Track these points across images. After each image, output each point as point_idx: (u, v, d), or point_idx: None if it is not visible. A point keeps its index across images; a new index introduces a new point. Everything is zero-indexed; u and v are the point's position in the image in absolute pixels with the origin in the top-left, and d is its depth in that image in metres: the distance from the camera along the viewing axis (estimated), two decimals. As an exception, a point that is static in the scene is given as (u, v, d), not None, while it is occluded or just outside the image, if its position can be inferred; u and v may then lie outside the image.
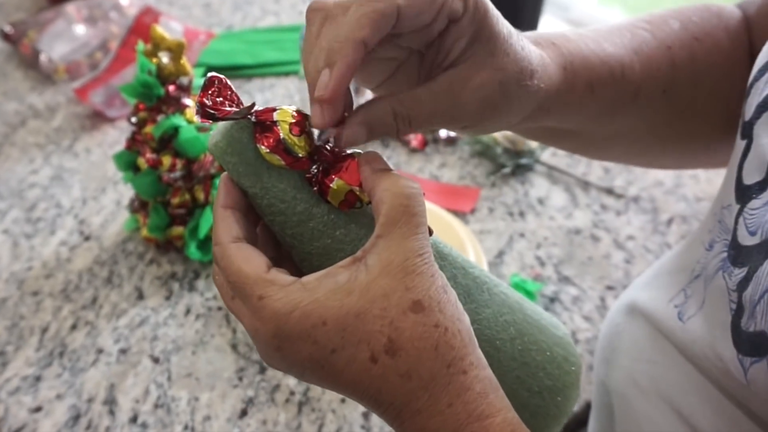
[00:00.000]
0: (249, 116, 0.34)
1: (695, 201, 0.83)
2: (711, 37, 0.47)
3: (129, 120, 0.71)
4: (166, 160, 0.70)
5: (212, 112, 0.34)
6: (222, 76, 0.35)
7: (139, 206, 0.76)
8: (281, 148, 0.34)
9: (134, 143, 0.72)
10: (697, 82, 0.47)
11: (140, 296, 0.71)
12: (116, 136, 0.94)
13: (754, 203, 0.35)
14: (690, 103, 0.47)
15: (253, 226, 0.36)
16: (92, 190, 0.85)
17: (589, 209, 0.81)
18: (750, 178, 0.37)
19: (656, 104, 0.46)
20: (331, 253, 0.35)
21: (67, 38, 1.08)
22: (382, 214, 0.32)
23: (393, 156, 0.89)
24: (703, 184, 0.85)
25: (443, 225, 0.74)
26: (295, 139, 0.34)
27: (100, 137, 0.95)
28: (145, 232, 0.75)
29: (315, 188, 0.35)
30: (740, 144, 0.39)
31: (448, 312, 0.32)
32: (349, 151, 0.35)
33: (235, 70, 1.06)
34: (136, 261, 0.75)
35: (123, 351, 0.66)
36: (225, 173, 0.36)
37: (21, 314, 0.69)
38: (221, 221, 0.34)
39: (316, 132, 0.35)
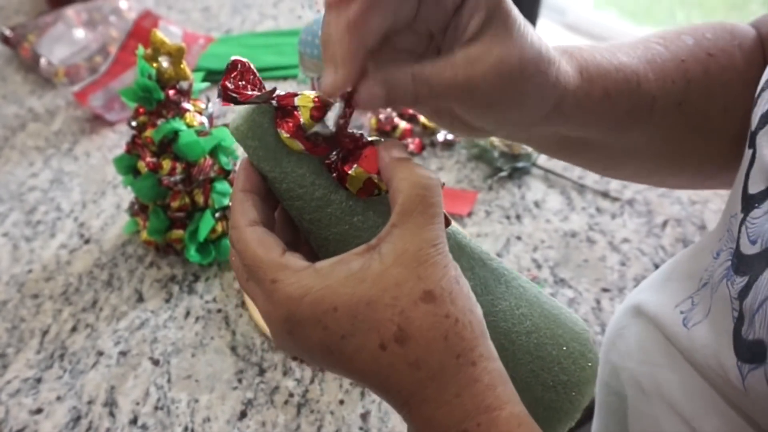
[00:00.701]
0: (270, 101, 0.34)
1: (690, 204, 0.84)
2: (725, 53, 0.47)
3: (129, 124, 0.72)
4: (166, 164, 0.70)
5: (234, 95, 0.34)
6: (245, 60, 0.35)
7: (138, 209, 0.76)
8: (301, 133, 0.34)
9: (134, 147, 0.73)
10: (711, 97, 0.46)
11: (140, 299, 0.72)
12: (115, 140, 0.95)
13: (756, 212, 0.36)
14: (704, 119, 0.47)
15: (271, 211, 0.36)
16: (92, 194, 0.86)
17: (584, 212, 0.82)
18: (755, 187, 0.37)
19: (671, 118, 0.46)
20: (348, 239, 0.35)
21: (67, 42, 1.09)
22: (398, 203, 0.32)
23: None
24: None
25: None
26: (315, 123, 0.34)
27: (100, 141, 0.95)
28: (144, 235, 0.75)
29: (334, 175, 0.35)
30: (747, 153, 0.40)
31: (459, 303, 0.32)
32: (369, 139, 0.36)
33: (233, 74, 1.07)
34: (136, 264, 0.76)
35: (123, 353, 0.66)
36: (245, 157, 0.36)
37: (21, 317, 0.70)
38: (239, 205, 0.35)
39: (332, 121, 0.35)
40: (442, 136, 0.92)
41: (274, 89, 0.34)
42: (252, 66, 0.36)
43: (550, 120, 0.41)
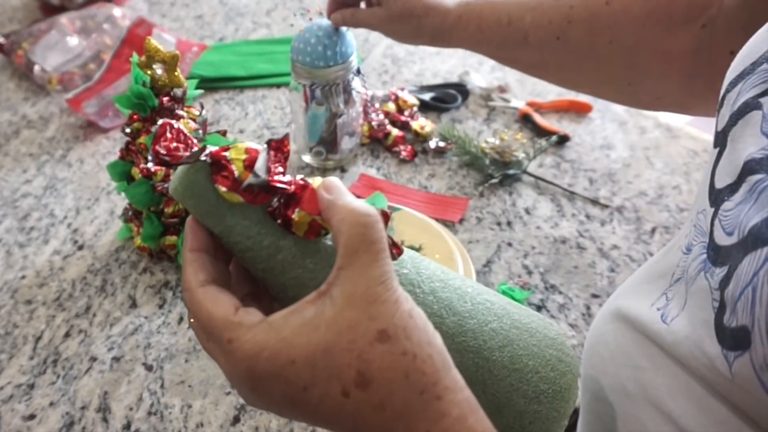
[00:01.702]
0: (203, 158, 0.34)
1: (677, 211, 0.85)
2: (621, 3, 0.63)
3: (123, 130, 0.73)
4: (160, 171, 0.71)
5: (166, 158, 0.34)
6: (173, 122, 0.36)
7: (132, 216, 0.76)
8: (238, 185, 0.34)
9: (128, 153, 0.73)
10: (594, 33, 0.64)
11: (133, 305, 0.72)
12: (109, 146, 0.95)
13: (727, 205, 0.37)
14: (588, 48, 0.66)
15: (224, 266, 0.36)
16: (86, 200, 0.86)
17: (574, 219, 0.83)
18: (721, 182, 0.38)
19: (551, 47, 0.67)
20: (305, 282, 0.35)
21: (61, 49, 1.09)
22: (341, 245, 0.32)
23: (383, 167, 0.91)
24: (685, 195, 0.87)
25: (432, 234, 0.75)
26: (249, 175, 0.34)
27: (93, 147, 0.95)
28: (138, 241, 0.76)
29: (279, 221, 0.35)
30: (713, 153, 0.41)
31: (415, 338, 0.32)
32: (308, 180, 0.36)
33: (227, 82, 1.07)
34: (130, 270, 0.76)
35: (116, 359, 0.66)
36: (190, 218, 0.36)
37: (14, 323, 0.70)
38: (188, 266, 0.35)
39: (262, 169, 0.35)
40: (434, 143, 0.93)
41: (204, 147, 0.35)
42: (181, 126, 0.36)
43: (443, 42, 0.75)
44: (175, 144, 0.35)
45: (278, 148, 0.35)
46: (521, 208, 0.85)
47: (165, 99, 0.71)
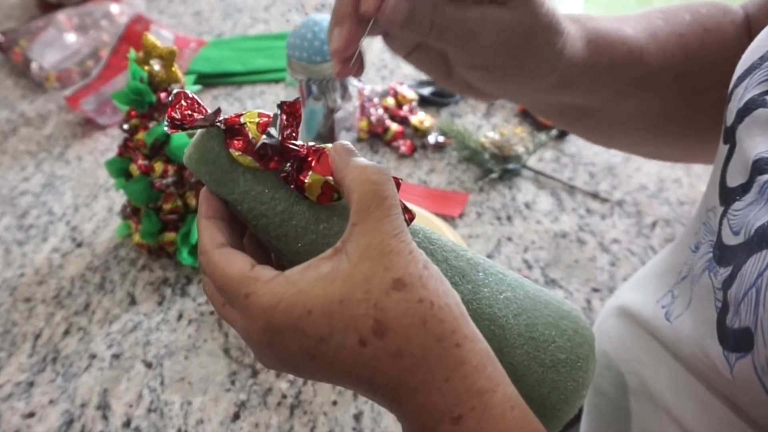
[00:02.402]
0: (217, 123, 0.34)
1: (678, 205, 0.85)
2: (719, 29, 0.50)
3: (121, 127, 0.72)
4: (158, 167, 0.71)
5: (181, 123, 0.34)
6: (188, 91, 0.36)
7: (131, 212, 0.76)
8: (252, 148, 0.34)
9: (126, 150, 0.73)
10: (706, 70, 0.49)
11: (133, 302, 0.72)
12: (107, 144, 0.95)
13: (737, 205, 0.36)
14: (699, 92, 0.50)
15: (238, 236, 0.37)
16: (84, 197, 0.86)
17: (575, 213, 0.83)
18: (733, 180, 0.38)
19: (668, 89, 0.49)
20: (318, 248, 0.35)
21: (58, 46, 1.09)
22: (353, 203, 0.33)
23: (383, 161, 0.90)
24: (685, 189, 0.87)
25: (432, 229, 0.75)
26: (263, 135, 0.34)
27: (92, 144, 0.95)
28: (137, 238, 0.76)
29: (292, 186, 0.35)
30: (723, 148, 0.40)
31: (431, 286, 0.31)
32: (319, 145, 0.36)
33: (225, 78, 1.07)
34: (129, 267, 0.76)
35: (116, 356, 0.66)
36: (204, 187, 0.36)
37: (14, 321, 0.70)
38: (204, 231, 0.35)
39: (276, 131, 0.35)
40: (433, 138, 0.93)
41: (219, 110, 0.35)
42: (196, 96, 0.36)
43: (554, 88, 0.43)
44: (189, 111, 0.35)
45: (290, 112, 0.35)
46: (521, 202, 0.84)
47: (163, 95, 0.71)
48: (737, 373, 0.33)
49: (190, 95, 0.36)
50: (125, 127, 0.72)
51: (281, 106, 0.35)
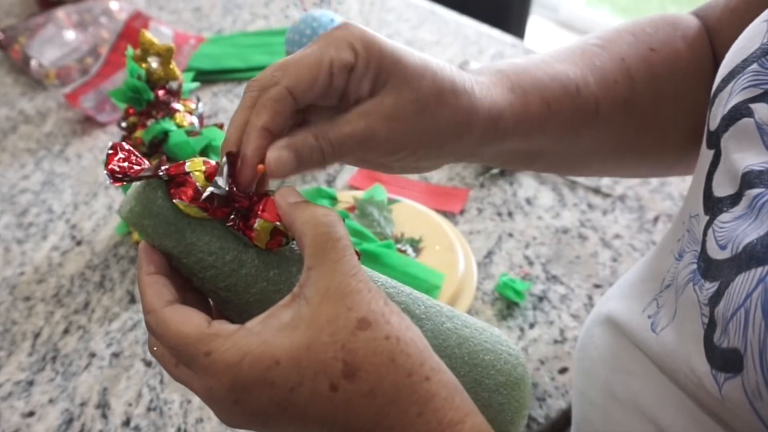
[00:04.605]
0: (160, 173, 0.34)
1: (680, 199, 0.84)
2: (667, 46, 0.47)
3: (119, 125, 0.72)
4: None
5: (124, 176, 0.34)
6: (123, 143, 0.36)
7: (130, 210, 0.76)
8: (198, 197, 0.33)
9: (125, 148, 0.73)
10: (658, 91, 0.47)
11: (132, 300, 0.72)
12: (107, 141, 0.95)
13: (725, 216, 0.35)
14: (654, 114, 0.47)
15: (181, 291, 0.35)
16: (84, 195, 0.86)
17: (576, 209, 0.82)
18: (721, 190, 0.36)
19: (619, 117, 0.46)
20: (270, 296, 0.35)
21: (58, 43, 1.08)
22: (307, 246, 0.32)
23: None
24: (688, 183, 0.86)
25: (432, 226, 0.75)
26: (210, 185, 0.34)
27: (91, 142, 0.95)
28: (136, 236, 0.75)
29: (240, 233, 0.35)
30: (707, 153, 0.39)
31: (394, 322, 0.31)
32: (264, 191, 0.36)
33: (224, 74, 1.07)
34: (128, 265, 0.76)
35: (115, 355, 0.66)
36: (143, 242, 0.35)
37: (13, 319, 0.70)
38: (149, 288, 0.34)
39: (223, 180, 0.34)
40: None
41: (162, 160, 0.34)
42: (131, 148, 0.36)
43: (487, 142, 0.41)
44: (127, 164, 0.35)
45: (235, 162, 0.35)
46: (522, 198, 0.84)
47: (161, 92, 0.71)
48: (726, 394, 0.32)
49: (126, 147, 0.35)
50: (123, 124, 0.72)
51: (228, 155, 0.34)
